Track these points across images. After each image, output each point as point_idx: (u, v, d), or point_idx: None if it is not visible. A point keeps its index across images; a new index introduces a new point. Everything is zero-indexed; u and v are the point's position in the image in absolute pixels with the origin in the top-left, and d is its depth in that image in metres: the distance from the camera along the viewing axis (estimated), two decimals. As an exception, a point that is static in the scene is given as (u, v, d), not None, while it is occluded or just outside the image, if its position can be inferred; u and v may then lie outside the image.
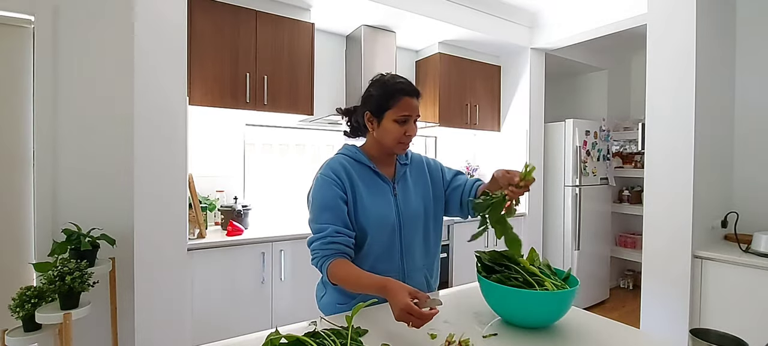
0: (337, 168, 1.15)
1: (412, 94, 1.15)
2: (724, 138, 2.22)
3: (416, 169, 1.29)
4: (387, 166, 1.24)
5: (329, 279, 1.08)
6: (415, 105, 1.15)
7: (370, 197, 1.16)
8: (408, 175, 1.26)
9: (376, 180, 1.19)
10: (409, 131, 1.14)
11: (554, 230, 3.62)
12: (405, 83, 1.16)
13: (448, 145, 3.83)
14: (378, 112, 1.15)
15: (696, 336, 0.83)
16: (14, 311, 1.59)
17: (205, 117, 2.55)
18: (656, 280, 2.11)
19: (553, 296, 0.92)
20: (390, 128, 1.14)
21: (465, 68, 3.40)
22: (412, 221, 1.21)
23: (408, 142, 1.17)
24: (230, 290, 2.16)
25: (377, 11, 2.67)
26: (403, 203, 1.20)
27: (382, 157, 1.22)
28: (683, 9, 2.00)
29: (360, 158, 1.19)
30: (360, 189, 1.15)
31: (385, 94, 1.14)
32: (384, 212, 1.16)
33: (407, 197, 1.22)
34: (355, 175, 1.16)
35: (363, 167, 1.19)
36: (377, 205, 1.15)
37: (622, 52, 4.06)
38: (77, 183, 1.99)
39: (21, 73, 1.93)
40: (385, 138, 1.16)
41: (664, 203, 2.08)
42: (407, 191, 1.23)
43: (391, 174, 1.24)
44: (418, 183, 1.27)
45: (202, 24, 2.25)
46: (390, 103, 1.13)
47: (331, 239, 1.08)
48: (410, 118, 1.14)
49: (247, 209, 2.46)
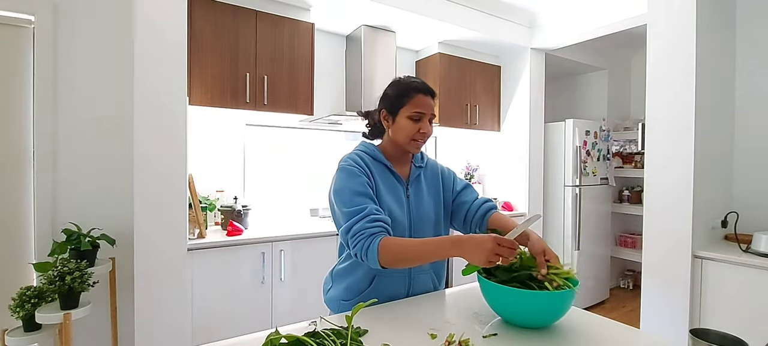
0: (358, 160, 1.16)
1: (427, 93, 1.16)
2: (724, 138, 2.22)
3: (431, 173, 1.30)
4: (402, 166, 1.24)
5: (380, 260, 1.00)
6: (429, 103, 1.16)
7: (386, 194, 1.17)
8: (422, 178, 1.27)
9: (390, 178, 1.20)
10: (423, 129, 1.15)
11: (554, 230, 3.62)
12: (420, 82, 1.18)
13: (448, 145, 3.83)
14: (393, 109, 1.17)
15: (696, 336, 0.83)
16: (14, 311, 1.59)
17: (205, 117, 2.55)
18: (656, 280, 2.11)
19: (553, 296, 0.92)
20: (404, 125, 1.15)
21: (465, 68, 3.40)
22: (422, 223, 1.21)
23: (421, 140, 1.17)
24: (230, 290, 2.16)
25: (377, 11, 2.67)
26: (415, 205, 1.21)
27: (398, 156, 1.23)
28: (683, 9, 2.00)
29: (377, 156, 1.20)
30: (378, 184, 1.16)
31: (400, 92, 1.16)
32: (396, 210, 1.16)
33: (419, 200, 1.22)
34: (374, 170, 1.18)
35: (379, 164, 1.20)
36: (391, 202, 1.16)
37: (622, 52, 4.06)
38: (77, 183, 1.99)
39: (21, 73, 1.93)
40: (399, 135, 1.17)
41: (664, 203, 2.08)
42: (420, 193, 1.24)
43: (406, 175, 1.24)
44: (432, 187, 1.27)
45: (202, 24, 2.25)
46: (404, 101, 1.15)
47: (375, 217, 1.03)
48: (424, 115, 1.15)
49: (247, 209, 2.46)
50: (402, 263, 1.02)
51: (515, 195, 3.57)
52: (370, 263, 1.02)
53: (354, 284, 1.17)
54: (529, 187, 3.48)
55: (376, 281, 1.15)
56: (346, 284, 1.19)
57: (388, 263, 1.01)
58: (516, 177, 3.56)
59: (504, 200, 3.61)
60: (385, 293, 1.15)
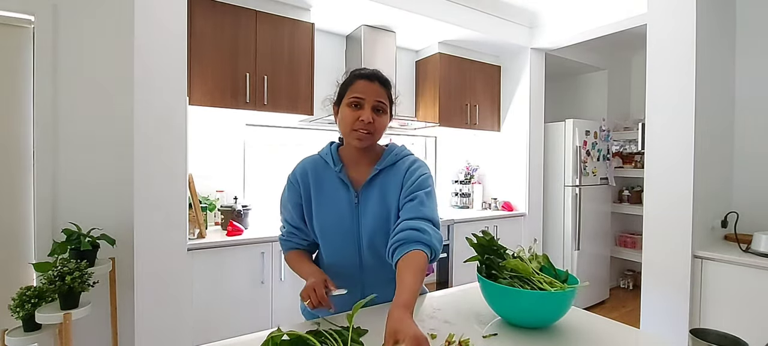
0: (299, 172, 1.15)
1: (372, 79, 1.06)
2: (724, 138, 2.22)
3: (394, 173, 1.11)
4: (360, 167, 1.13)
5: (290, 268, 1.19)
6: (371, 89, 1.05)
7: (326, 206, 1.11)
8: (379, 181, 1.11)
9: (337, 187, 1.11)
10: (363, 116, 1.03)
11: (554, 230, 3.62)
12: (367, 70, 1.09)
13: (448, 145, 3.83)
14: (337, 101, 1.12)
15: (696, 336, 0.83)
16: (14, 311, 1.59)
17: (205, 117, 2.55)
18: (656, 280, 2.11)
19: (553, 296, 0.92)
20: (344, 115, 1.06)
21: (465, 68, 3.40)
22: (372, 233, 1.08)
23: (363, 131, 1.04)
24: (230, 290, 2.16)
25: (377, 11, 2.67)
26: (364, 212, 1.09)
27: (355, 156, 1.13)
28: (683, 9, 2.00)
29: (329, 160, 1.13)
30: (317, 195, 1.12)
31: (344, 83, 1.11)
32: (336, 221, 1.10)
33: (369, 206, 1.09)
34: (317, 180, 1.12)
35: (328, 171, 1.13)
36: (330, 214, 1.10)
37: (622, 52, 4.06)
38: (77, 183, 1.99)
39: (21, 73, 1.93)
40: (342, 128, 1.08)
41: (664, 203, 2.08)
42: (371, 199, 1.10)
43: (363, 177, 1.12)
44: (391, 190, 1.09)
45: (202, 24, 2.25)
46: (346, 89, 1.08)
47: (287, 238, 1.19)
48: (363, 100, 1.04)
49: (247, 209, 2.46)
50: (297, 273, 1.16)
51: (515, 195, 3.57)
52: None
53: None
54: (529, 187, 3.48)
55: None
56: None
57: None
58: (516, 177, 3.56)
59: (504, 200, 3.61)
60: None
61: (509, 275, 1.01)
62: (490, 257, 1.06)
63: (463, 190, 3.66)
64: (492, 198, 3.64)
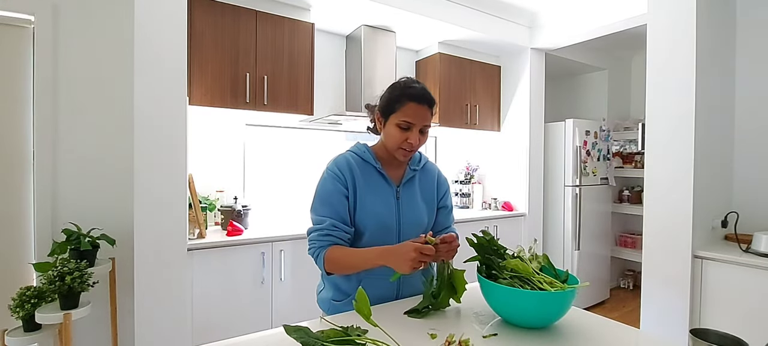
0: (342, 164, 1.16)
1: (421, 102, 1.11)
2: (724, 138, 2.22)
3: (427, 176, 1.27)
4: (395, 168, 1.23)
5: (325, 267, 1.10)
6: (421, 113, 1.11)
7: (371, 197, 1.16)
8: (417, 180, 1.24)
9: (380, 181, 1.18)
10: (411, 139, 1.12)
11: (554, 230, 3.62)
12: (417, 90, 1.12)
13: (448, 145, 3.83)
14: (385, 113, 1.16)
15: (696, 336, 0.83)
16: (14, 311, 1.59)
17: (205, 117, 2.55)
18: (656, 280, 2.11)
19: (553, 296, 0.92)
20: (392, 132, 1.13)
21: (465, 68, 3.40)
22: (412, 226, 1.19)
23: (409, 151, 1.14)
24: (230, 290, 2.16)
25: (377, 11, 2.67)
26: (406, 208, 1.19)
27: (390, 158, 1.21)
28: (683, 9, 2.00)
29: (367, 157, 1.19)
30: (362, 188, 1.15)
31: (393, 97, 1.13)
32: (383, 214, 1.15)
33: (411, 202, 1.21)
34: (360, 173, 1.16)
35: (368, 166, 1.19)
36: (377, 205, 1.15)
37: (622, 52, 4.06)
38: (77, 183, 1.99)
39: (21, 73, 1.93)
40: (388, 141, 1.16)
41: (664, 203, 2.08)
42: (412, 196, 1.22)
43: (399, 176, 1.22)
44: (426, 191, 1.25)
45: (202, 24, 2.25)
46: (395, 107, 1.12)
47: (328, 232, 1.11)
48: (413, 126, 1.11)
49: (247, 209, 2.46)
50: (342, 271, 1.11)
51: (515, 195, 3.57)
52: (319, 269, 1.13)
53: (343, 285, 1.18)
54: (529, 187, 3.48)
55: (364, 283, 1.14)
56: (337, 285, 1.19)
57: (332, 270, 1.11)
58: (516, 177, 3.56)
59: (504, 200, 3.61)
60: (373, 294, 1.11)
61: (509, 275, 1.01)
62: (490, 257, 1.06)
63: (463, 190, 3.66)
64: (492, 198, 3.64)
